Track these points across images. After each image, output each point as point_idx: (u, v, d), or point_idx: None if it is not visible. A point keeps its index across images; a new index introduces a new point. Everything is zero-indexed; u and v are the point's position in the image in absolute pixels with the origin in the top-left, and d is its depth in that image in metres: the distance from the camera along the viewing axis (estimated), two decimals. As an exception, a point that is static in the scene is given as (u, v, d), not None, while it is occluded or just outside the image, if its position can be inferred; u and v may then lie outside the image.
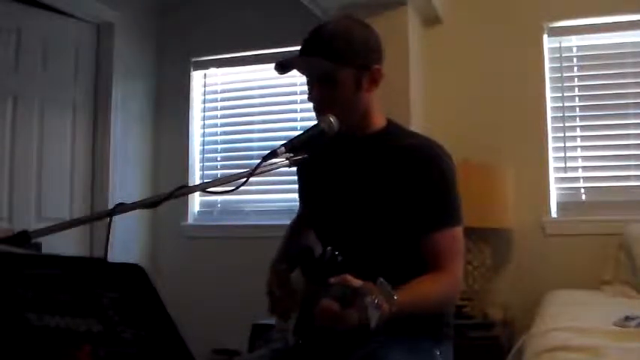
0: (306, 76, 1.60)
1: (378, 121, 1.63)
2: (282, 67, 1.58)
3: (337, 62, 1.51)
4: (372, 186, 1.57)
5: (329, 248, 1.45)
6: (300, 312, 1.50)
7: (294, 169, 1.75)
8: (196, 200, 4.08)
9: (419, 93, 3.25)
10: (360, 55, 1.54)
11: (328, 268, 1.36)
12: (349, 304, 1.16)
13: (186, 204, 3.97)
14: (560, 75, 3.39)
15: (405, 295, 1.29)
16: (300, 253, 1.61)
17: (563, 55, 3.41)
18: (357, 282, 1.18)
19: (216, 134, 4.15)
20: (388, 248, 1.56)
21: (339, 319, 1.20)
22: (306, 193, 1.81)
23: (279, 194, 3.88)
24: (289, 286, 1.52)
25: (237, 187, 1.39)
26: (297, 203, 1.90)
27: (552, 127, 3.36)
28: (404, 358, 1.48)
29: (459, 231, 1.54)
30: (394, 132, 1.64)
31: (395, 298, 1.18)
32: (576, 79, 3.41)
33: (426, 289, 1.45)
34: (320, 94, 1.56)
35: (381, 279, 1.18)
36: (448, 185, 1.54)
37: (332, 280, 1.21)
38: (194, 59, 4.08)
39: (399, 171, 1.54)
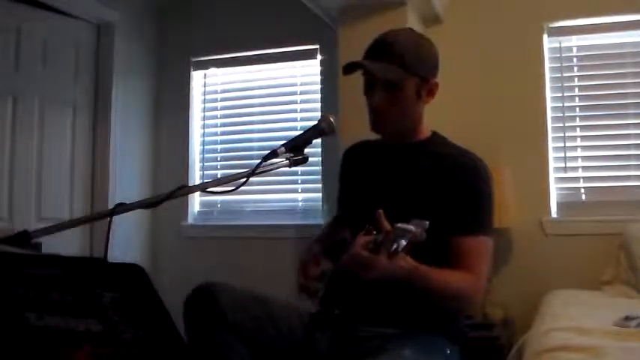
0: (372, 79, 1.65)
1: (425, 131, 1.76)
2: (351, 67, 1.63)
3: (406, 71, 1.61)
4: (414, 188, 1.64)
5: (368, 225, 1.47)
6: (326, 286, 1.56)
7: (337, 172, 1.88)
8: (196, 200, 4.08)
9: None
10: (425, 67, 1.65)
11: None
12: (379, 248, 1.30)
13: (186, 204, 3.96)
14: (560, 75, 3.39)
15: (426, 269, 1.41)
16: (333, 245, 1.64)
17: (563, 55, 3.40)
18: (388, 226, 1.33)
19: (216, 134, 4.14)
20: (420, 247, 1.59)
21: (369, 262, 1.32)
22: (348, 194, 1.86)
23: (279, 194, 3.86)
24: (319, 266, 1.59)
25: (237, 187, 1.41)
26: (297, 203, 1.91)
27: (552, 127, 3.35)
28: (415, 352, 1.51)
29: (488, 241, 1.64)
30: (439, 142, 1.75)
31: (427, 223, 1.28)
32: (576, 79, 3.41)
33: (445, 276, 1.51)
34: (383, 99, 1.63)
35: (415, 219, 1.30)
36: (486, 197, 1.65)
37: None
38: (194, 59, 4.07)
39: (441, 176, 1.62)
